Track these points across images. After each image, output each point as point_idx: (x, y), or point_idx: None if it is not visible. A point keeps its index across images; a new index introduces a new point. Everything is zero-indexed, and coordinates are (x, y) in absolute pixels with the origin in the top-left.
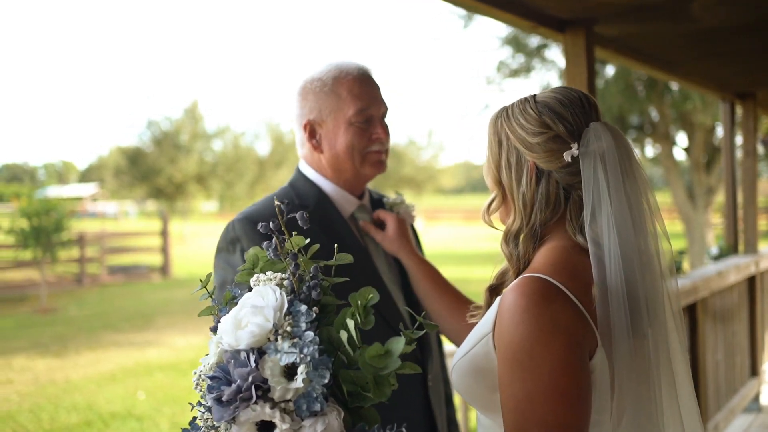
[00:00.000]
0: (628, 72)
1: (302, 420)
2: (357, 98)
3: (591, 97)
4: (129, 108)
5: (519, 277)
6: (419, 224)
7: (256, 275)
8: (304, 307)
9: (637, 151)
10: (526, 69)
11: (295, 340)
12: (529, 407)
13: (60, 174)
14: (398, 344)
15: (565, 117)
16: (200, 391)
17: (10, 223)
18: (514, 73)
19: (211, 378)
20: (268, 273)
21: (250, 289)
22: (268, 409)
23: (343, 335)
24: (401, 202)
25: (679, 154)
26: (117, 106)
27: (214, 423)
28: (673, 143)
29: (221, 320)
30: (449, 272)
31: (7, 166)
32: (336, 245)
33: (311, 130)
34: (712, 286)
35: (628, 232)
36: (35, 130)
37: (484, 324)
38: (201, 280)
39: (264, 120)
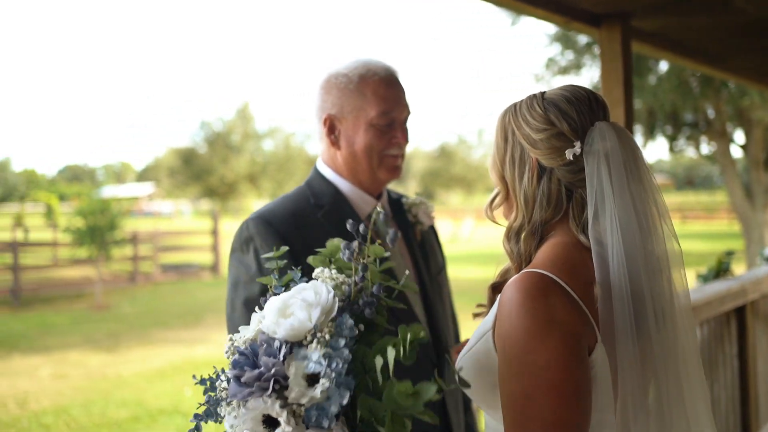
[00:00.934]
0: (682, 67)
1: (306, 428)
2: (382, 100)
3: (600, 96)
4: (183, 109)
5: (518, 273)
6: (468, 225)
7: (322, 268)
8: (350, 322)
9: (691, 149)
10: (576, 66)
11: (328, 350)
12: (527, 403)
13: (118, 174)
14: (429, 390)
15: (570, 115)
16: (229, 358)
17: (66, 222)
18: (564, 71)
19: (240, 353)
20: (334, 271)
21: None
22: (278, 407)
23: (379, 362)
24: (420, 203)
25: (736, 151)
26: (173, 108)
27: (227, 396)
28: (730, 140)
29: (271, 299)
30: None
31: (69, 167)
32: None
33: (331, 125)
34: (763, 288)
35: (632, 233)
36: (95, 132)
37: (486, 321)
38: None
39: None
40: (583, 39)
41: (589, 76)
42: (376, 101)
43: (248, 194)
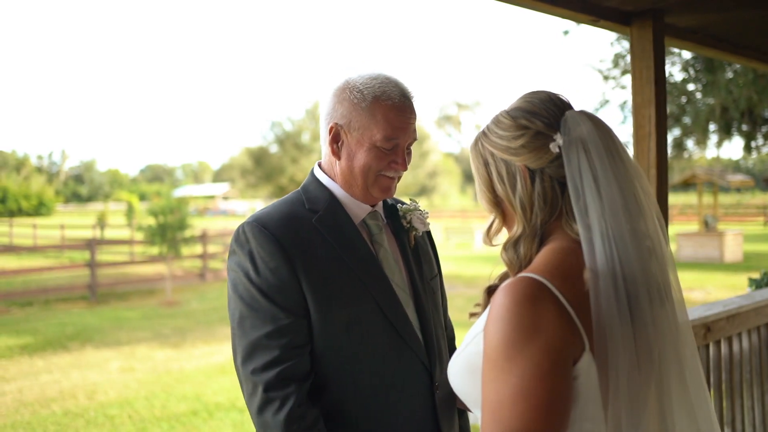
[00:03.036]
0: None
1: None
2: (389, 126)
3: (561, 94)
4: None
5: (512, 278)
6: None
7: None
8: None
9: None
10: None
11: None
12: (500, 409)
13: (196, 173)
14: None
15: (539, 113)
16: None
17: (138, 221)
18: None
19: None
20: None
21: (266, 298)
22: None
23: None
24: (414, 208)
25: None
26: (247, 108)
27: None
28: None
29: None
30: None
31: (150, 167)
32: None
33: (336, 134)
34: None
35: (618, 213)
36: (175, 132)
37: (478, 323)
38: None
39: None
40: None
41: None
42: (384, 125)
43: None
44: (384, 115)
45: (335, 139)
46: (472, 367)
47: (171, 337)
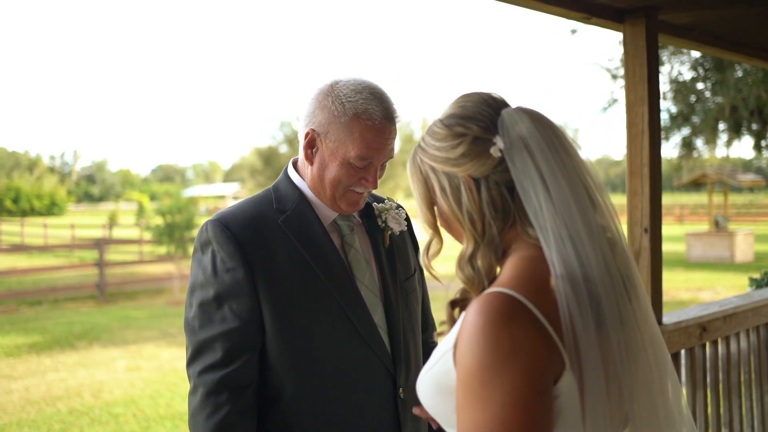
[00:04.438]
0: None
1: None
2: (365, 146)
3: (495, 93)
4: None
5: (482, 293)
6: None
7: None
8: None
9: None
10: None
11: None
12: None
13: (206, 173)
14: None
15: (474, 117)
16: None
17: (147, 221)
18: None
19: None
20: None
21: (219, 300)
22: None
23: None
24: (390, 207)
25: None
26: (257, 108)
27: None
28: None
29: None
30: None
31: (161, 167)
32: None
33: (311, 140)
34: None
35: (571, 210)
36: (186, 132)
37: (446, 340)
38: None
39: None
40: None
41: (665, 69)
42: (360, 144)
43: None
44: (361, 133)
45: (310, 144)
46: (441, 386)
47: (178, 336)
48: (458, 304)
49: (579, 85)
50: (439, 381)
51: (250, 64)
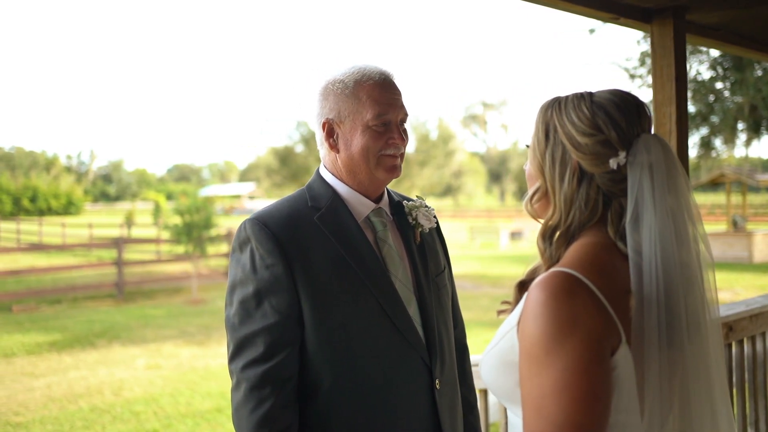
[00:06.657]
0: None
1: None
2: (376, 103)
3: (646, 105)
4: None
5: (546, 272)
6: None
7: None
8: None
9: None
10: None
11: None
12: (542, 404)
13: (222, 173)
14: None
15: (619, 123)
16: None
17: (165, 220)
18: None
19: None
20: None
21: (258, 296)
22: None
23: None
24: (420, 205)
25: None
26: (273, 108)
27: None
28: None
29: None
30: None
31: (177, 167)
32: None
33: (329, 129)
34: None
35: (670, 245)
36: (202, 132)
37: (510, 318)
38: None
39: (409, 119)
40: None
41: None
42: (371, 104)
43: None
44: (368, 94)
45: (330, 133)
46: (505, 362)
47: (196, 335)
48: (525, 285)
49: (596, 85)
50: (504, 356)
51: (266, 64)
